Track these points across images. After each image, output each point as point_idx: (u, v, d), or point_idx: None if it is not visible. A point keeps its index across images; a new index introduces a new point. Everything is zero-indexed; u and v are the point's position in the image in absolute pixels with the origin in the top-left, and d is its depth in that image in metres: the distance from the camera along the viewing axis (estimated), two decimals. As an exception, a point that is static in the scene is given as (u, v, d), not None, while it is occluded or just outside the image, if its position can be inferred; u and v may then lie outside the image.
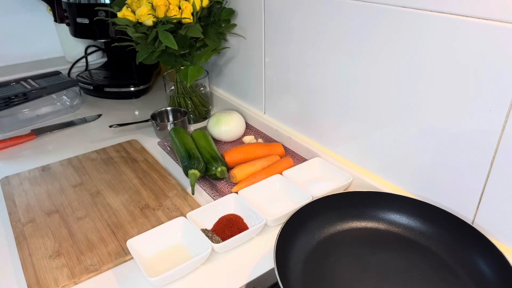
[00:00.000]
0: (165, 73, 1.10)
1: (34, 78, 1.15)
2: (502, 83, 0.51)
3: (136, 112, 1.15)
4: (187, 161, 0.80)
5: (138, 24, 0.88)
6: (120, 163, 0.88)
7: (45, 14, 1.38)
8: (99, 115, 1.13)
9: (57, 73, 1.19)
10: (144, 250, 0.63)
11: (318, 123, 0.84)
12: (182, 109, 1.03)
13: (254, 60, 0.96)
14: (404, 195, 0.66)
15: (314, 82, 0.81)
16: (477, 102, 0.55)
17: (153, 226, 0.68)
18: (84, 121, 1.10)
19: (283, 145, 0.92)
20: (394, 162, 0.70)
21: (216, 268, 0.62)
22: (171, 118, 1.04)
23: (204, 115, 1.09)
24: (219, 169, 0.80)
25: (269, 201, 0.75)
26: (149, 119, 1.00)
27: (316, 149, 0.85)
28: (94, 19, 1.07)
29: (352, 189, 0.78)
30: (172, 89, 1.06)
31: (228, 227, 0.66)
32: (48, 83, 1.12)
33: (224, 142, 0.97)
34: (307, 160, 0.86)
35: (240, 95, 1.08)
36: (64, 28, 1.28)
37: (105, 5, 1.08)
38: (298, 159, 0.88)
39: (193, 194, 0.76)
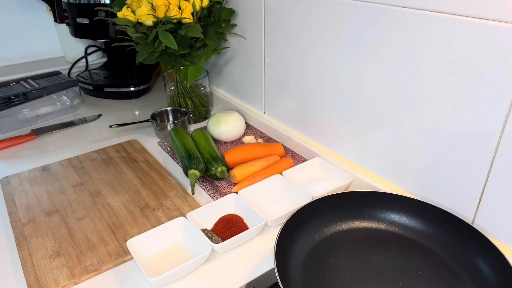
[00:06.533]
0: (165, 73, 1.10)
1: (34, 78, 1.15)
2: (502, 83, 0.51)
3: (136, 112, 1.15)
4: (187, 161, 0.80)
5: (138, 24, 0.88)
6: (120, 163, 0.88)
7: (45, 14, 1.38)
8: (99, 115, 1.13)
9: (57, 73, 1.19)
10: (144, 250, 0.63)
11: (318, 123, 0.84)
12: (182, 109, 1.03)
13: (254, 60, 0.96)
14: (404, 195, 0.66)
15: (314, 82, 0.81)
16: (477, 102, 0.55)
17: (153, 226, 0.68)
18: (84, 121, 1.10)
19: (283, 145, 0.92)
20: (394, 162, 0.70)
21: (216, 268, 0.62)
22: (171, 118, 1.04)
23: (204, 115, 1.09)
24: (219, 169, 0.80)
25: (269, 201, 0.75)
26: (149, 119, 1.00)
27: (316, 149, 0.85)
28: (94, 19, 1.07)
29: (352, 189, 0.78)
30: (172, 89, 1.06)
31: (228, 227, 0.66)
32: (48, 83, 1.12)
33: (224, 142, 0.97)
34: (307, 160, 0.86)
35: (240, 95, 1.08)
36: (64, 28, 1.28)
37: (105, 5, 1.08)
38: (298, 159, 0.88)
39: (193, 194, 0.76)
